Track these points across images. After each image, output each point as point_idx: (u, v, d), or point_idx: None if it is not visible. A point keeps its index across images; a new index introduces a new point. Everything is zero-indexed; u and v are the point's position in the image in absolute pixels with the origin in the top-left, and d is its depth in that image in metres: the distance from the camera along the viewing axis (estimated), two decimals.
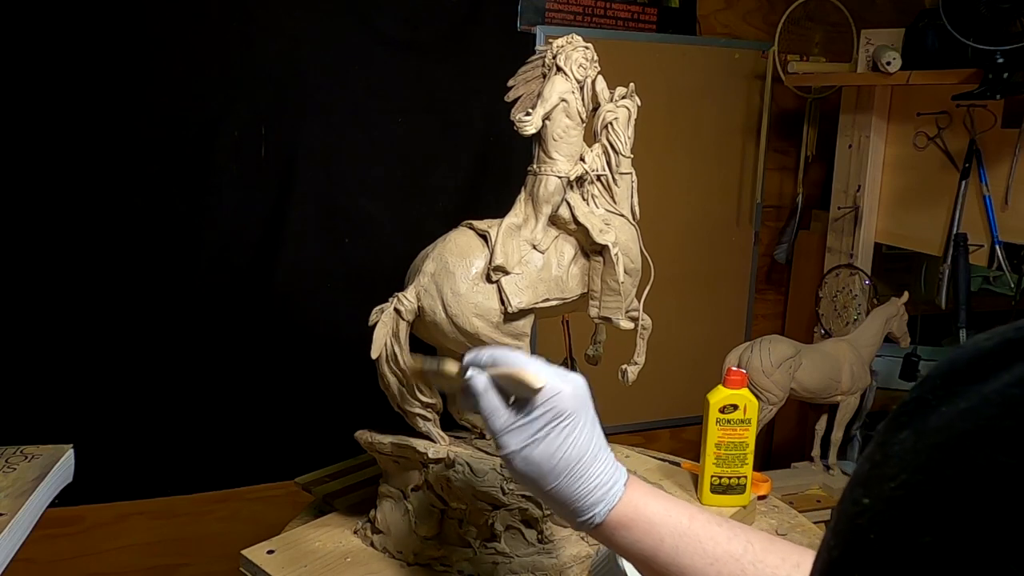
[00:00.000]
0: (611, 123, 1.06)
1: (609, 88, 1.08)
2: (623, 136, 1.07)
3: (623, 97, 1.09)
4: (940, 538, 0.27)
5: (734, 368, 1.25)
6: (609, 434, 0.72)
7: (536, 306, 1.03)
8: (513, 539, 1.02)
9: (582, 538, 1.05)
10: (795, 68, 2.31)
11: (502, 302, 0.99)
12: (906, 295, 2.08)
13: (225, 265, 1.96)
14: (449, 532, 1.04)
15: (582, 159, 1.05)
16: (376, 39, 1.99)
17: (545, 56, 1.04)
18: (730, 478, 1.19)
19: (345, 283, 2.06)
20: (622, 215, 1.09)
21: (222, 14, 1.86)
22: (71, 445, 1.08)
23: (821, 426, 2.17)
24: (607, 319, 1.07)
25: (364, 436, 1.08)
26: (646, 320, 1.12)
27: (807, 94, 2.42)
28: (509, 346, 0.99)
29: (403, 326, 0.99)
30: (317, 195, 2.01)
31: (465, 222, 1.05)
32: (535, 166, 1.05)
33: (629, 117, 1.09)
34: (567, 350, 1.33)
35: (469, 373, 0.71)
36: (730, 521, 0.70)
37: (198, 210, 1.91)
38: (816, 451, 2.18)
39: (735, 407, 1.17)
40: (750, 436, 1.19)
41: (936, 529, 0.27)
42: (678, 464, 1.33)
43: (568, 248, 1.06)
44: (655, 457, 1.36)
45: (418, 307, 1.00)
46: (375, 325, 0.98)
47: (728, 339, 2.31)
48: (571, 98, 1.03)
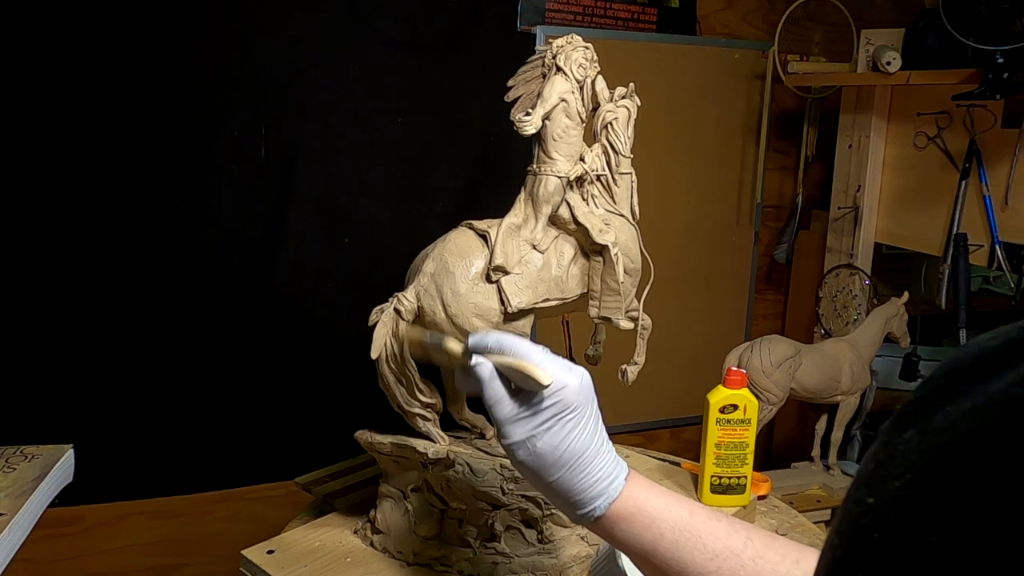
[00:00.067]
0: (611, 123, 1.06)
1: (609, 88, 1.08)
2: (623, 136, 1.07)
3: (623, 97, 1.09)
4: (945, 538, 0.27)
5: (734, 368, 1.25)
6: (609, 434, 0.72)
7: (536, 306, 1.03)
8: (513, 539, 1.02)
9: (582, 538, 1.05)
10: (795, 68, 2.31)
11: (502, 302, 0.99)
12: (906, 295, 2.08)
13: (225, 265, 1.96)
14: (449, 532, 1.04)
15: (582, 159, 1.05)
16: (376, 39, 1.99)
17: (545, 56, 1.04)
18: (730, 478, 1.19)
19: (345, 283, 2.06)
20: (622, 215, 1.09)
21: (222, 14, 1.86)
22: (71, 445, 1.08)
23: (821, 426, 2.17)
24: (607, 319, 1.07)
25: (364, 436, 1.08)
26: (646, 320, 1.12)
27: (807, 94, 2.42)
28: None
29: (403, 326, 0.99)
30: (317, 195, 2.01)
31: (465, 222, 1.05)
32: (535, 166, 1.05)
33: (629, 117, 1.09)
34: (567, 350, 1.33)
35: (475, 360, 0.71)
36: (730, 517, 0.70)
37: (198, 210, 1.91)
38: (816, 451, 2.18)
39: (735, 407, 1.17)
40: (750, 436, 1.19)
41: (941, 529, 0.27)
42: (678, 464, 1.33)
43: (568, 248, 1.06)
44: (655, 457, 1.36)
45: (418, 307, 1.00)
46: (375, 325, 0.98)
47: (728, 339, 2.31)
48: (571, 98, 1.03)
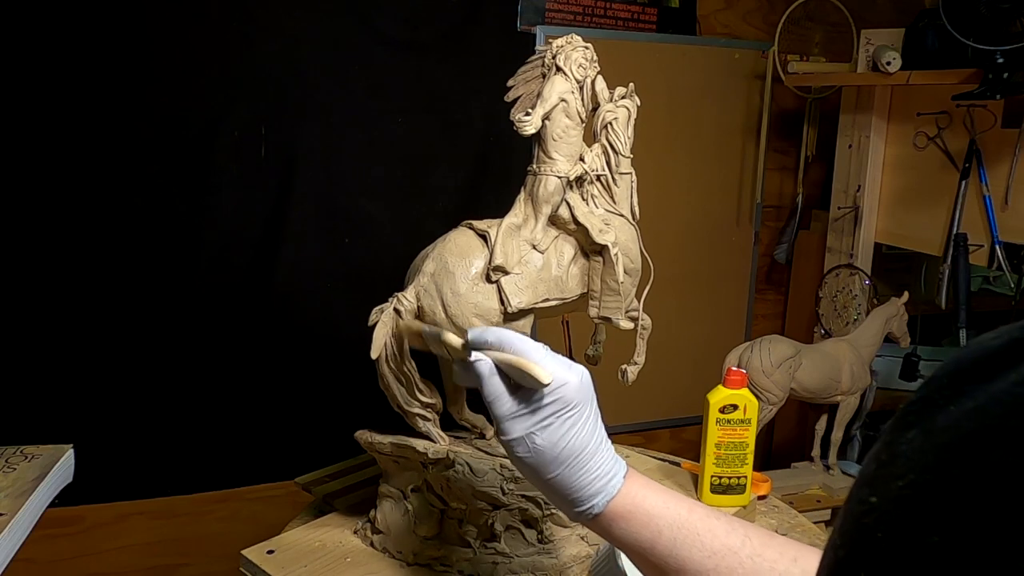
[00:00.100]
0: (611, 123, 1.06)
1: (609, 88, 1.08)
2: (623, 136, 1.07)
3: (623, 97, 1.09)
4: (948, 538, 0.27)
5: (734, 368, 1.25)
6: (609, 434, 0.72)
7: (536, 306, 1.03)
8: (513, 539, 1.02)
9: (582, 538, 1.05)
10: (795, 68, 2.31)
11: (502, 302, 0.99)
12: (906, 295, 2.08)
13: (225, 265, 1.96)
14: (449, 532, 1.04)
15: (582, 159, 1.05)
16: (376, 39, 1.99)
17: (545, 56, 1.04)
18: (730, 478, 1.19)
19: (345, 283, 2.06)
20: (622, 215, 1.09)
21: (222, 14, 1.86)
22: (71, 445, 1.08)
23: (821, 426, 2.17)
24: (607, 319, 1.07)
25: (364, 436, 1.08)
26: (646, 320, 1.12)
27: (807, 94, 2.42)
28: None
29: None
30: (317, 195, 2.01)
31: (465, 222, 1.05)
32: (535, 166, 1.05)
33: (629, 117, 1.09)
34: (567, 350, 1.33)
35: (474, 356, 0.71)
36: (728, 515, 0.70)
37: (198, 210, 1.91)
38: (816, 451, 2.18)
39: (735, 407, 1.18)
40: (750, 436, 1.19)
41: (944, 529, 0.27)
42: (678, 464, 1.33)
43: (568, 248, 1.06)
44: (655, 457, 1.36)
45: (418, 307, 1.00)
46: (375, 325, 0.98)
47: (728, 339, 2.31)
48: (571, 98, 1.03)
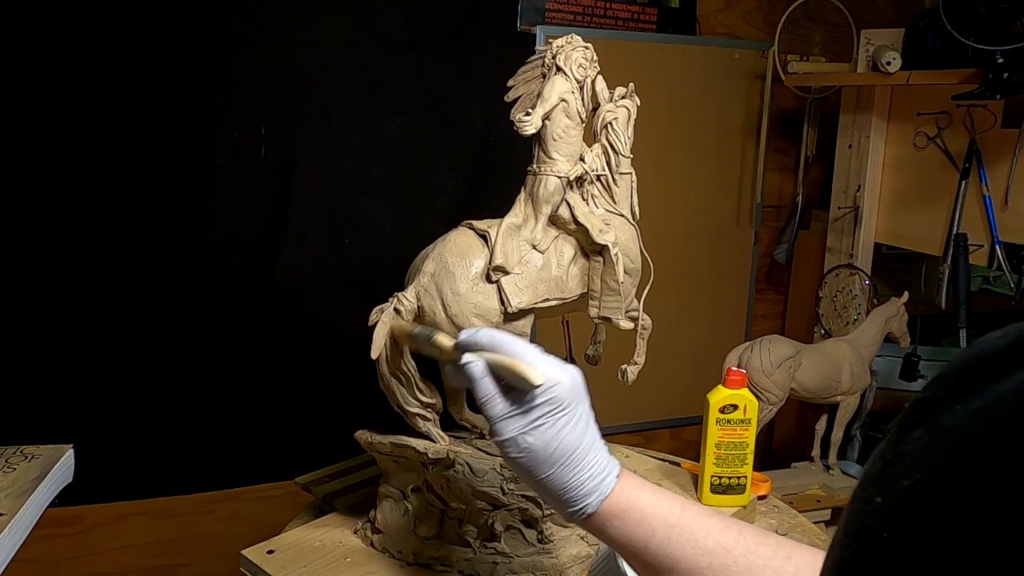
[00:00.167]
0: (611, 123, 1.06)
1: (609, 88, 1.08)
2: (623, 136, 1.07)
3: (623, 97, 1.09)
4: (956, 538, 0.27)
5: (734, 368, 1.25)
6: (609, 434, 0.72)
7: (536, 306, 1.03)
8: (513, 539, 1.02)
9: (582, 538, 1.05)
10: (795, 68, 2.31)
11: (502, 302, 0.99)
12: (906, 295, 2.08)
13: (225, 265, 1.96)
14: (449, 532, 1.04)
15: (582, 159, 1.05)
16: (376, 39, 1.99)
17: (545, 56, 1.04)
18: (730, 478, 1.19)
19: (345, 283, 2.06)
20: (622, 215, 1.09)
21: (222, 14, 1.86)
22: (71, 445, 1.08)
23: (821, 426, 2.17)
24: (607, 319, 1.07)
25: (364, 436, 1.08)
26: (646, 320, 1.12)
27: (807, 94, 2.42)
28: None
29: (406, 318, 0.99)
30: (317, 195, 2.01)
31: (465, 222, 1.05)
32: (535, 166, 1.05)
33: (629, 117, 1.09)
34: (567, 350, 1.33)
35: (466, 358, 0.71)
36: (722, 514, 0.70)
37: (198, 210, 1.91)
38: (816, 451, 2.18)
39: (735, 407, 1.17)
40: (750, 436, 1.19)
41: (952, 529, 0.27)
42: (678, 464, 1.33)
43: (568, 248, 1.06)
44: (655, 457, 1.36)
45: (418, 307, 1.00)
46: (375, 325, 0.98)
47: (728, 339, 2.31)
48: (571, 98, 1.03)
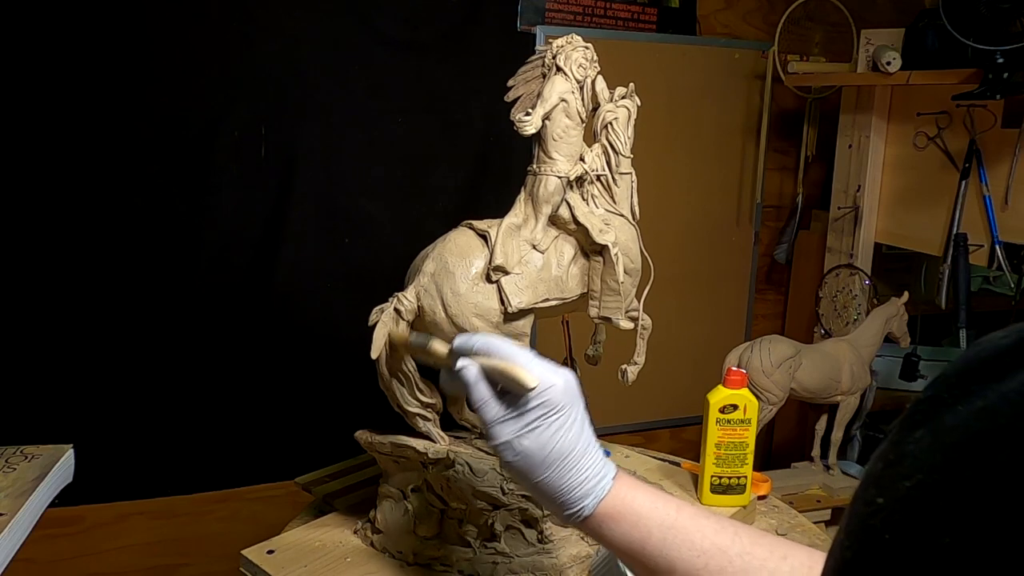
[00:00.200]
0: (611, 123, 1.06)
1: (609, 88, 1.08)
2: (623, 136, 1.07)
3: (623, 97, 1.09)
4: (959, 540, 0.26)
5: (734, 368, 1.25)
6: (609, 434, 0.72)
7: (536, 306, 1.03)
8: (513, 539, 1.02)
9: (582, 538, 1.05)
10: (795, 68, 2.31)
11: (502, 302, 0.99)
12: (906, 295, 2.08)
13: (225, 265, 1.96)
14: (449, 532, 1.04)
15: (582, 159, 1.05)
16: (376, 39, 1.99)
17: (545, 56, 1.04)
18: (730, 478, 1.19)
19: (345, 283, 2.06)
20: (622, 215, 1.09)
21: (222, 14, 1.86)
22: (71, 445, 1.08)
23: (821, 426, 2.17)
24: (607, 319, 1.07)
25: (364, 436, 1.08)
26: (646, 320, 1.12)
27: (807, 94, 2.42)
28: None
29: (403, 326, 0.99)
30: (317, 195, 2.01)
31: (465, 222, 1.05)
32: (535, 166, 1.05)
33: (629, 117, 1.09)
34: (567, 350, 1.33)
35: (460, 363, 0.71)
36: (717, 515, 0.70)
37: (198, 210, 1.91)
38: (816, 451, 2.18)
39: (735, 407, 1.17)
40: (750, 436, 1.19)
41: (954, 530, 0.27)
42: (678, 464, 1.33)
43: (568, 248, 1.06)
44: (655, 457, 1.36)
45: (418, 307, 1.00)
46: (375, 325, 0.98)
47: (728, 339, 2.31)
48: (571, 98, 1.03)
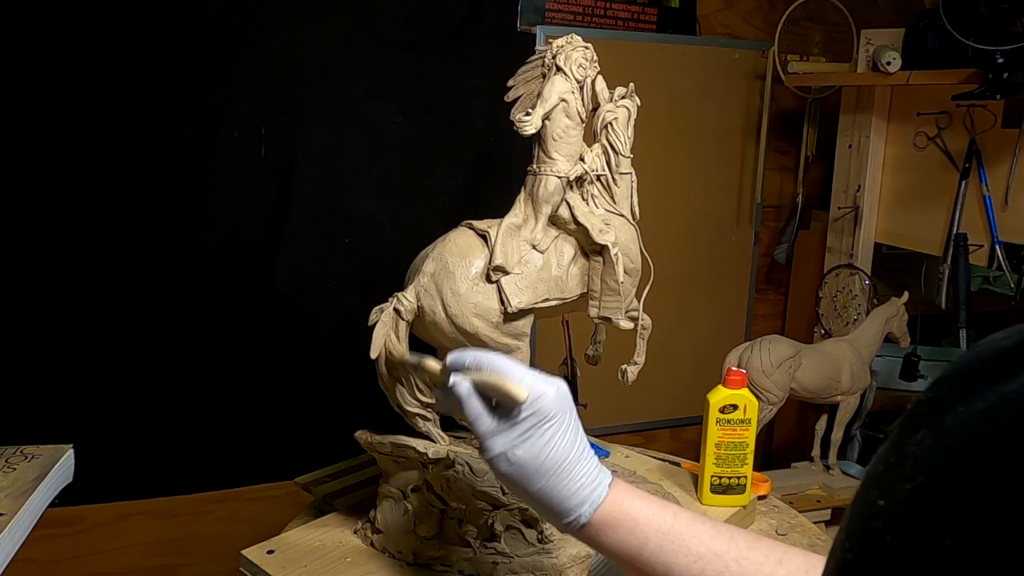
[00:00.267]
0: (611, 123, 1.06)
1: (609, 88, 1.08)
2: (623, 136, 1.07)
3: (623, 97, 1.09)
4: (960, 542, 0.26)
5: (734, 368, 1.25)
6: (609, 434, 0.73)
7: (536, 306, 1.03)
8: (513, 539, 1.02)
9: None
10: (795, 68, 2.31)
11: (502, 302, 0.99)
12: (906, 295, 2.08)
13: (225, 265, 1.96)
14: (449, 532, 1.04)
15: (582, 159, 1.05)
16: (376, 39, 1.99)
17: (545, 56, 1.04)
18: (730, 478, 1.19)
19: (345, 283, 2.06)
20: (622, 215, 1.09)
21: (222, 14, 1.86)
22: (71, 445, 1.08)
23: (821, 426, 2.17)
24: (607, 319, 1.07)
25: (364, 436, 1.08)
26: (646, 320, 1.12)
27: (807, 94, 2.42)
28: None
29: (403, 326, 0.99)
30: (317, 195, 2.01)
31: (465, 222, 1.05)
32: (535, 166, 1.05)
33: (629, 117, 1.09)
34: (567, 350, 1.33)
35: (452, 379, 0.72)
36: (714, 520, 0.70)
37: (198, 210, 1.91)
38: (816, 451, 2.18)
39: (735, 407, 1.17)
40: (750, 436, 1.19)
41: (956, 533, 0.26)
42: (678, 464, 1.33)
43: (568, 248, 1.06)
44: (655, 457, 1.36)
45: (418, 307, 1.00)
46: (375, 325, 0.98)
47: (728, 339, 2.31)
48: (571, 98, 1.03)
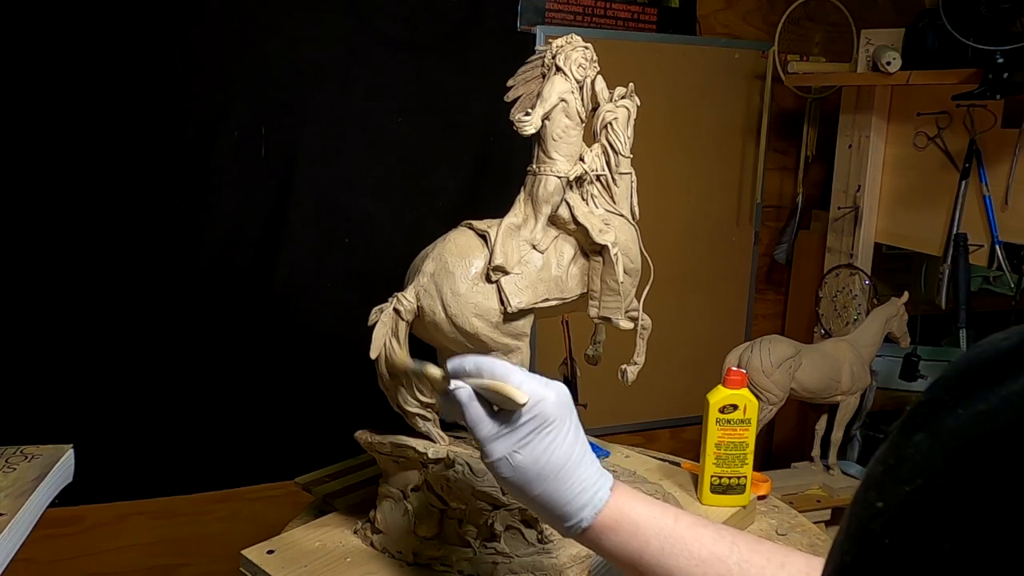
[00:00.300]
0: (610, 123, 1.06)
1: (609, 88, 1.08)
2: (622, 136, 1.07)
3: (622, 97, 1.09)
4: (959, 545, 0.26)
5: (734, 368, 1.25)
6: (609, 434, 0.73)
7: (536, 306, 1.03)
8: (513, 539, 1.02)
9: None
10: (795, 68, 2.31)
11: (502, 302, 0.99)
12: (906, 295, 2.08)
13: (225, 265, 1.96)
14: (449, 532, 1.04)
15: (581, 159, 1.05)
16: (376, 39, 1.99)
17: (545, 56, 1.04)
18: (730, 478, 1.19)
19: (345, 283, 2.06)
20: (622, 215, 1.09)
21: (222, 14, 1.86)
22: (71, 445, 1.08)
23: (821, 426, 2.17)
24: (607, 319, 1.07)
25: (364, 436, 1.08)
26: (646, 320, 1.12)
27: (807, 94, 2.42)
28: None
29: (402, 326, 0.99)
30: (317, 195, 2.01)
31: (465, 222, 1.05)
32: (535, 166, 1.05)
33: (628, 117, 1.09)
34: (567, 350, 1.33)
35: (453, 385, 0.72)
36: (715, 523, 0.70)
37: (198, 210, 1.91)
38: (816, 451, 2.18)
39: (735, 407, 1.17)
40: (750, 436, 1.19)
41: (955, 536, 0.26)
42: (678, 464, 1.33)
43: (568, 248, 1.06)
44: (655, 457, 1.36)
45: (417, 307, 1.00)
46: (375, 325, 0.98)
47: (728, 339, 2.31)
48: (570, 98, 1.03)
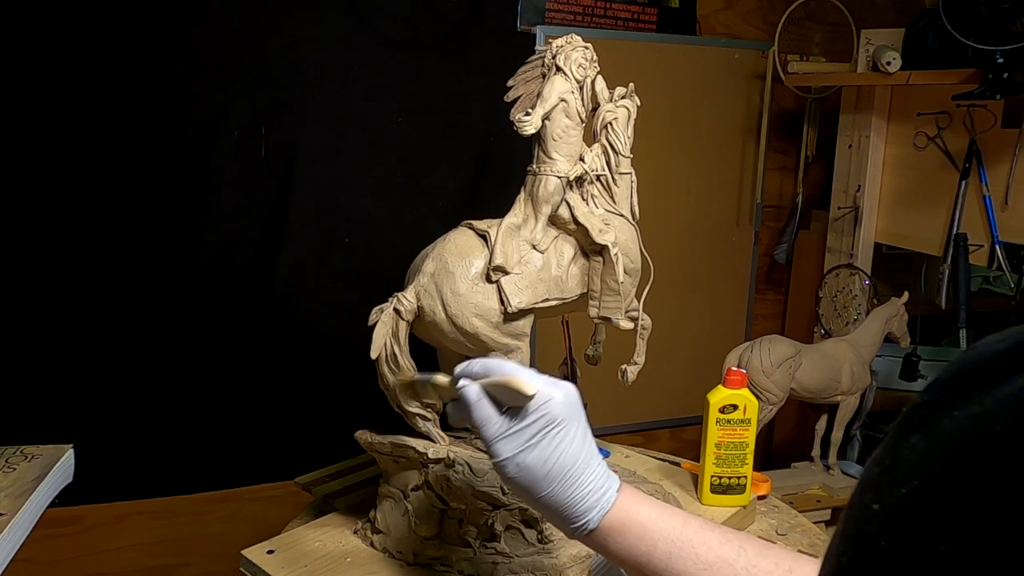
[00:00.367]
0: (610, 123, 1.06)
1: (609, 88, 1.08)
2: (623, 136, 1.07)
3: (623, 97, 1.09)
4: (955, 548, 0.26)
5: (734, 368, 1.25)
6: (609, 434, 0.72)
7: (536, 306, 1.03)
8: (513, 539, 1.02)
9: None
10: (795, 68, 2.31)
11: (502, 302, 0.99)
12: (906, 295, 2.08)
13: (225, 265, 1.96)
14: (449, 532, 1.04)
15: (582, 159, 1.05)
16: (376, 39, 1.99)
17: (545, 56, 1.04)
18: (730, 478, 1.19)
19: (345, 283, 2.06)
20: (622, 215, 1.09)
21: (222, 14, 1.86)
22: (71, 445, 1.08)
23: (821, 426, 2.17)
24: (607, 319, 1.07)
25: (364, 436, 1.08)
26: (646, 320, 1.12)
27: (807, 94, 2.42)
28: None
29: (403, 326, 0.99)
30: (317, 195, 2.01)
31: (465, 222, 1.05)
32: (535, 166, 1.05)
33: (629, 117, 1.09)
34: (567, 350, 1.33)
35: (461, 383, 0.71)
36: (722, 527, 0.70)
37: (198, 210, 1.91)
38: (816, 451, 2.18)
39: (735, 407, 1.18)
40: (750, 436, 1.19)
41: (951, 538, 0.26)
42: (678, 464, 1.33)
43: (568, 248, 1.06)
44: (655, 457, 1.36)
45: (418, 307, 1.00)
46: (375, 325, 0.98)
47: (728, 339, 2.31)
48: (570, 98, 1.03)
